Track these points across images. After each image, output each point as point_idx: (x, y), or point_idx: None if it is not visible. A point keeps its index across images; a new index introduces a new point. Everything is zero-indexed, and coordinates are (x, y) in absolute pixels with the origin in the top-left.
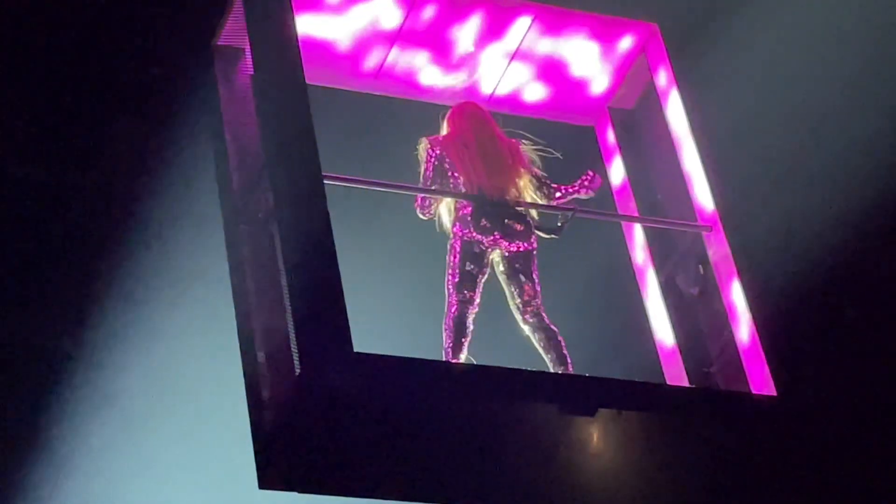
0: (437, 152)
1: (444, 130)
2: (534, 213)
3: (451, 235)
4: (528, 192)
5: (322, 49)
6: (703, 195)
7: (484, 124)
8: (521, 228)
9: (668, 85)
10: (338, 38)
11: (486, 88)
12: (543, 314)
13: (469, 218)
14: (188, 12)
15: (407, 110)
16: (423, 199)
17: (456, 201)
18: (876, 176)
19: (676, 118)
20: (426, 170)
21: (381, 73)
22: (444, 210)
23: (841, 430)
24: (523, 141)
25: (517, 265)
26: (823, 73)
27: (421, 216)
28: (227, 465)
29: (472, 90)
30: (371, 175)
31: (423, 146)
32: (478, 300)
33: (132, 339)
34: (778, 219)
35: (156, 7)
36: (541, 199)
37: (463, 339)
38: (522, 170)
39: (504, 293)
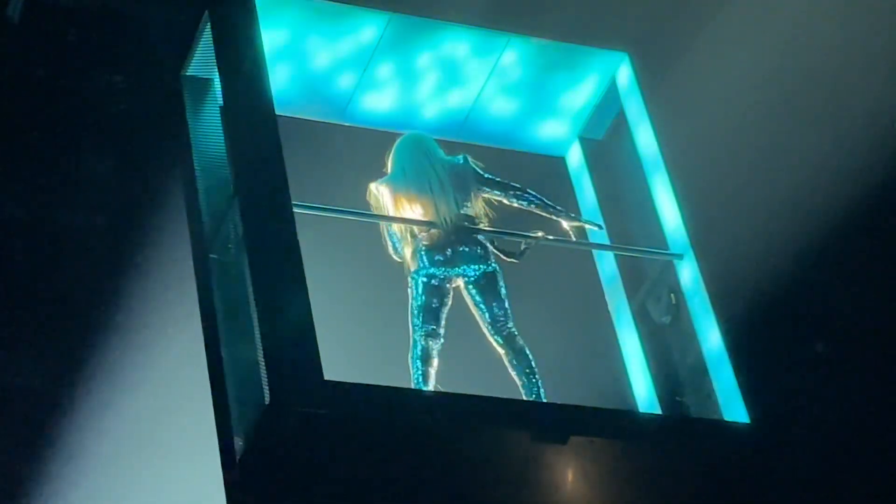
0: (381, 202)
1: (388, 168)
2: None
3: (410, 272)
4: (485, 207)
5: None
6: (673, 223)
7: (424, 150)
8: (479, 251)
9: (639, 114)
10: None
11: (457, 116)
12: (516, 335)
13: (425, 252)
14: (156, 42)
15: (379, 138)
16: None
17: (412, 238)
18: (848, 204)
19: (647, 147)
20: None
21: (350, 104)
22: (407, 250)
23: (814, 458)
24: (467, 156)
25: (482, 287)
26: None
27: (394, 257)
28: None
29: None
30: (340, 203)
31: (370, 196)
32: (442, 332)
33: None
34: (749, 247)
35: (122, 37)
36: (506, 200)
37: (430, 369)
38: (474, 188)
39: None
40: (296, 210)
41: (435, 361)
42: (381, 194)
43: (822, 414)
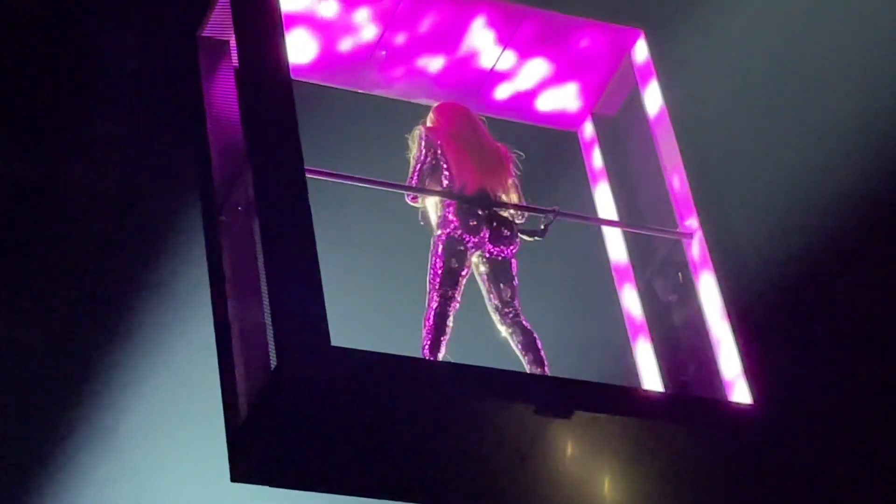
0: (433, 140)
1: (433, 123)
2: (515, 214)
3: (436, 231)
4: (513, 196)
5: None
6: (684, 203)
7: (474, 124)
8: (508, 234)
9: (652, 91)
10: (324, 35)
11: (471, 88)
12: (521, 316)
13: (457, 215)
14: (173, 3)
15: (393, 108)
16: (413, 183)
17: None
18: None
19: (660, 125)
20: (421, 154)
21: (369, 70)
22: (431, 203)
23: (816, 441)
24: (512, 149)
25: (497, 267)
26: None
27: (408, 201)
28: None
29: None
30: (354, 171)
31: (418, 132)
32: (459, 298)
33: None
34: (758, 229)
35: None
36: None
37: (442, 338)
38: (510, 174)
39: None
40: (308, 175)
41: (449, 327)
42: (429, 137)
43: (825, 397)
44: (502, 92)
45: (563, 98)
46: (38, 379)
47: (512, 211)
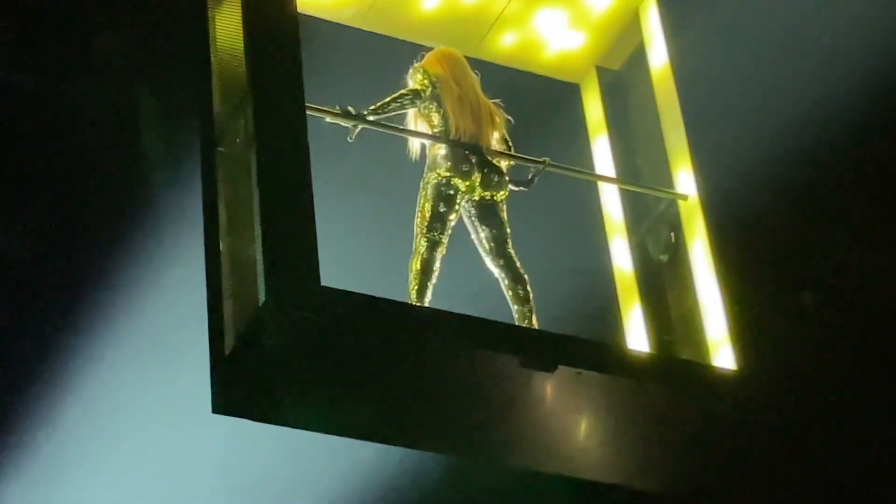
0: (432, 82)
1: (430, 67)
2: (505, 164)
3: (426, 175)
4: (508, 144)
5: None
6: (682, 163)
7: (470, 73)
8: (497, 179)
9: (658, 50)
10: None
11: (477, 34)
12: (514, 258)
13: (447, 159)
14: None
15: (396, 49)
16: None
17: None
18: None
19: (663, 84)
20: (413, 93)
21: (375, 8)
22: (418, 143)
23: (798, 410)
24: (500, 105)
25: (486, 210)
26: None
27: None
28: (185, 388)
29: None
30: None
31: (420, 73)
32: (446, 242)
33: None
34: (755, 194)
35: None
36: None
37: (428, 282)
38: (499, 130)
39: (472, 240)
40: (308, 113)
41: (435, 272)
42: (430, 78)
43: (810, 366)
44: (507, 39)
45: (568, 49)
46: (24, 293)
47: (504, 162)
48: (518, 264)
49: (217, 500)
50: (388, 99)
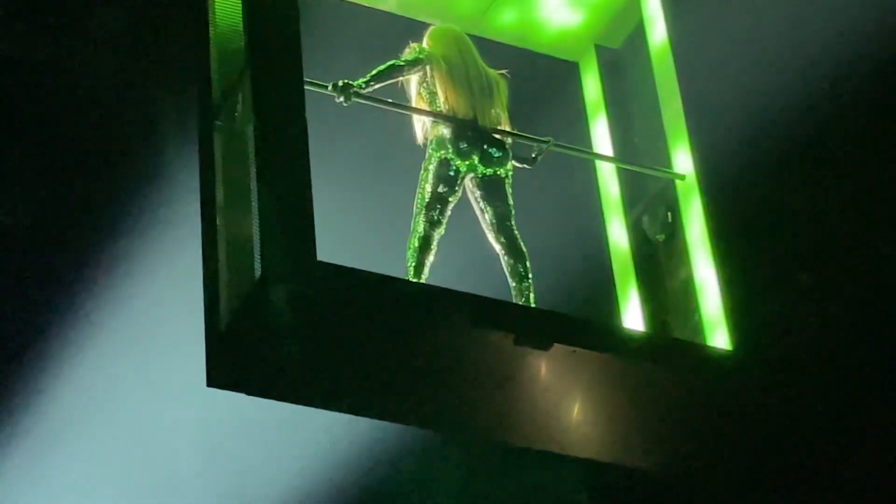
0: (422, 59)
1: (428, 46)
2: (509, 140)
3: (427, 155)
4: (503, 123)
5: None
6: (680, 143)
7: (466, 49)
8: (499, 155)
9: (658, 28)
10: None
11: (477, 11)
12: (516, 235)
13: (447, 139)
14: None
15: (395, 25)
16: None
17: (434, 120)
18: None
19: (662, 63)
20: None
21: None
22: (420, 125)
23: (792, 391)
24: (504, 75)
25: (491, 187)
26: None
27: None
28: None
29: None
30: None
31: (413, 53)
32: (445, 223)
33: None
34: (753, 175)
35: None
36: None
37: (426, 261)
38: (500, 101)
39: (475, 217)
40: (307, 88)
41: (433, 251)
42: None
43: (806, 348)
44: (508, 16)
45: (568, 27)
46: (23, 262)
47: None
48: (520, 242)
49: (209, 474)
50: (374, 72)
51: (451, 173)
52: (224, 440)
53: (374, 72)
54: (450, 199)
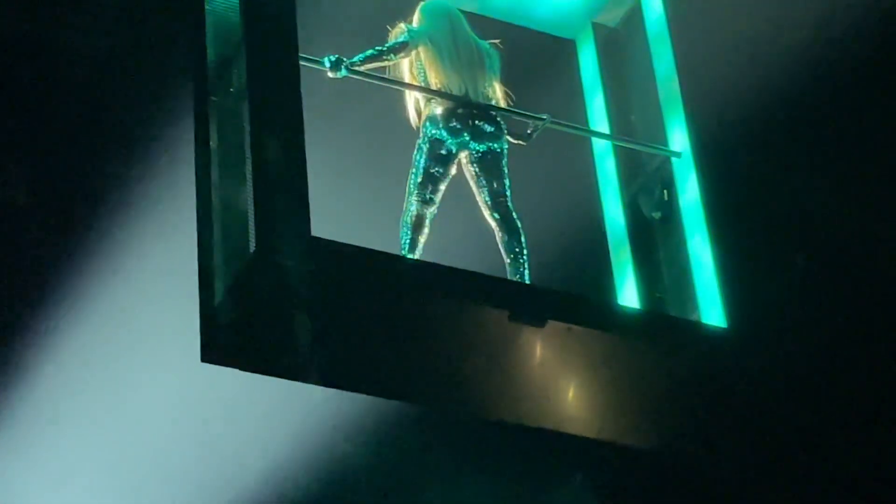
0: (412, 45)
1: (417, 23)
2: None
3: (420, 134)
4: (504, 93)
5: None
6: (677, 121)
7: (458, 22)
8: (492, 130)
9: (656, 7)
10: None
11: None
12: (512, 212)
13: (439, 118)
14: None
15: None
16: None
17: (427, 99)
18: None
19: (659, 41)
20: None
21: None
22: (412, 105)
23: (785, 369)
24: (496, 46)
25: (486, 163)
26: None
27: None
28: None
29: None
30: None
31: (399, 36)
32: (438, 202)
33: None
34: (748, 154)
35: None
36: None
37: (419, 239)
38: (495, 74)
39: (470, 193)
40: (302, 63)
41: (426, 229)
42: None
43: (800, 327)
44: None
45: (565, 5)
46: (22, 239)
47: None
48: (515, 218)
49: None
50: (359, 58)
51: (444, 152)
52: (217, 417)
53: (366, 54)
54: (442, 178)
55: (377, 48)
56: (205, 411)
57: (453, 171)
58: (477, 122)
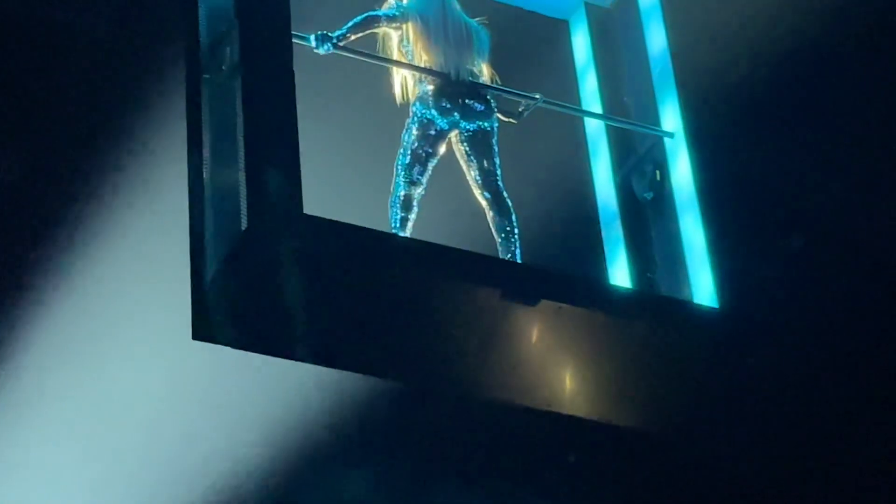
0: (402, 20)
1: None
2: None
3: (410, 113)
4: (492, 72)
5: None
6: (669, 101)
7: (449, 1)
8: (482, 109)
9: None
10: None
11: None
12: (503, 193)
13: (429, 97)
14: None
15: None
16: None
17: (416, 78)
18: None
19: (652, 22)
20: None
21: None
22: (401, 85)
23: (778, 349)
24: (484, 23)
25: (476, 142)
26: None
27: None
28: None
29: None
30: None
31: (391, 9)
32: (425, 182)
33: None
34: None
35: None
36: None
37: (408, 218)
38: (481, 52)
39: (461, 172)
40: (294, 41)
41: (414, 209)
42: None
43: (792, 308)
44: None
45: None
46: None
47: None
48: (506, 197)
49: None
50: (350, 23)
51: (434, 132)
52: (208, 395)
53: (350, 23)
54: (431, 159)
55: (363, 16)
56: (196, 391)
57: (442, 151)
58: (467, 100)
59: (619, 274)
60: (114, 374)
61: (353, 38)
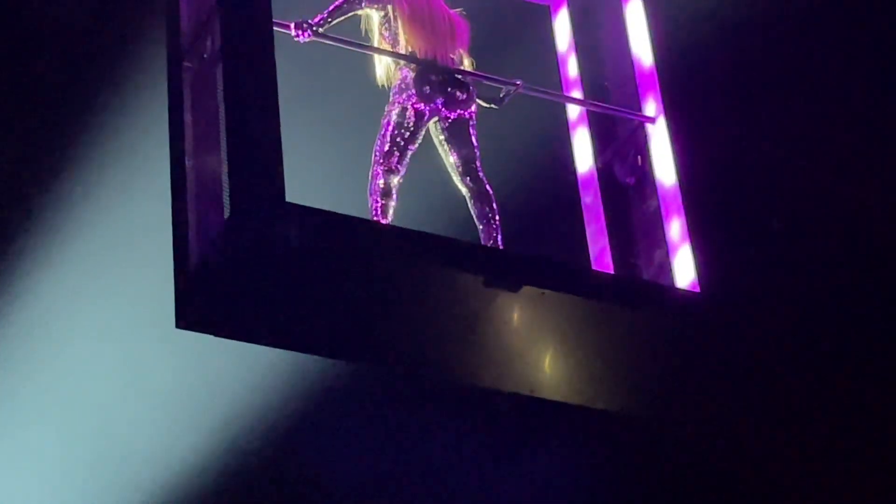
0: (387, 2)
1: None
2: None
3: (391, 100)
4: (465, 64)
5: None
6: (649, 86)
7: None
8: (464, 97)
9: None
10: None
11: None
12: (482, 178)
13: (411, 84)
14: None
15: None
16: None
17: (397, 63)
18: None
19: (633, 6)
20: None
21: None
22: (383, 70)
23: (759, 333)
24: (463, 15)
25: (455, 130)
26: None
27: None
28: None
29: None
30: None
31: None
32: (403, 171)
33: None
34: (721, 118)
35: None
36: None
37: (388, 205)
38: (462, 43)
39: (441, 159)
40: (276, 29)
41: (393, 197)
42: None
43: (773, 292)
44: None
45: None
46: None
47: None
48: (486, 184)
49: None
50: (331, 7)
51: (413, 120)
52: (193, 381)
53: (331, 6)
54: (410, 146)
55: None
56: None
57: (420, 138)
58: (449, 88)
59: (601, 259)
60: (98, 362)
61: (333, 21)
